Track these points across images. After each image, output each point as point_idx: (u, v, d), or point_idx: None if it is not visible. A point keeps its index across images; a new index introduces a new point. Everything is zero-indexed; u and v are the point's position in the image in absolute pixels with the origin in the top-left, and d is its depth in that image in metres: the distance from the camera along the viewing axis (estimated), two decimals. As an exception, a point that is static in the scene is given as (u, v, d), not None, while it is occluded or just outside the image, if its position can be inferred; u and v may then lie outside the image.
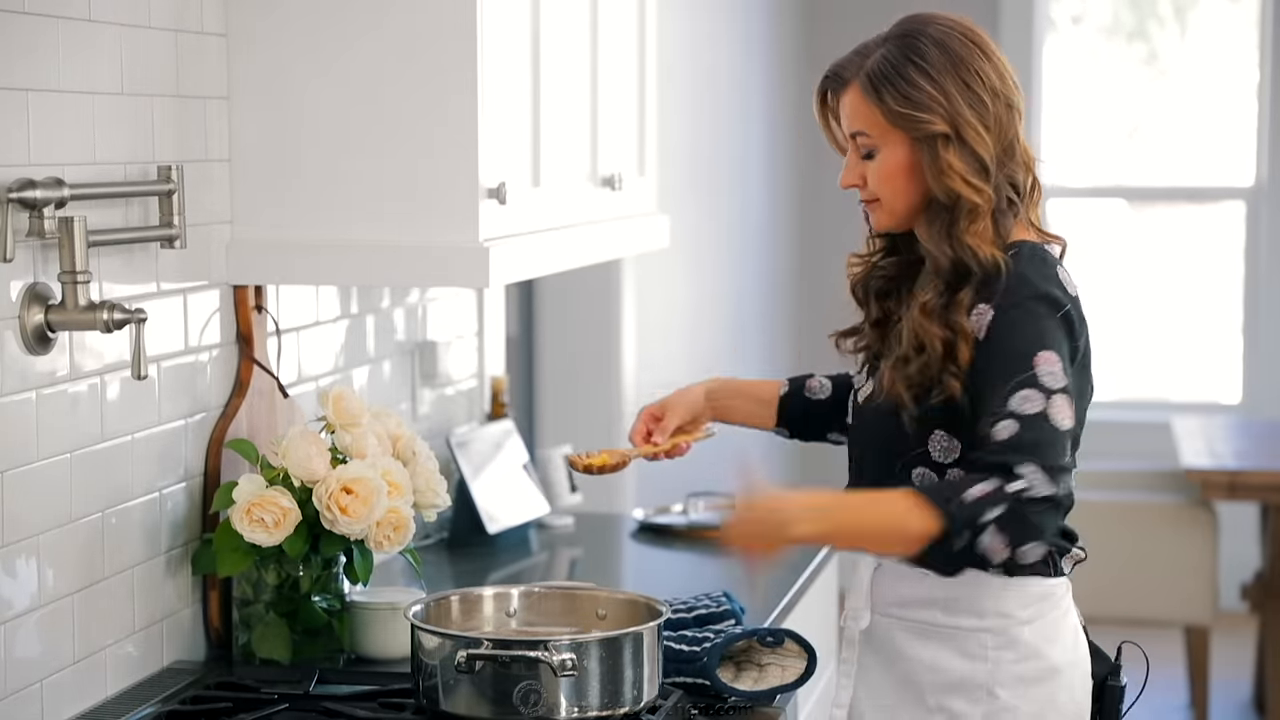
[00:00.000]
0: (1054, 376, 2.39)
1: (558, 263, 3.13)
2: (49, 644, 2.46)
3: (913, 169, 2.48)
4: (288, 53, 2.79)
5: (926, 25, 2.49)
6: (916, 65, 2.46)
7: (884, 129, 2.48)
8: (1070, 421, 2.39)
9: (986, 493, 2.33)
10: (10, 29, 2.32)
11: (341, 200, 2.80)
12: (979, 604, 2.48)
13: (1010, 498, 2.32)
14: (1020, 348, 2.41)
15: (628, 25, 3.48)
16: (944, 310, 2.46)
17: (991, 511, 2.32)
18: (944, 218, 2.48)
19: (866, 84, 2.48)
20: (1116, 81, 7.58)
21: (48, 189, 2.32)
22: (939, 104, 2.45)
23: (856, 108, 2.50)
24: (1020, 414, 2.37)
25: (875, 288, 2.62)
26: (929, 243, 2.50)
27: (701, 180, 5.88)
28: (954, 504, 2.33)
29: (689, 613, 2.83)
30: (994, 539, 2.33)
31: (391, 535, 2.74)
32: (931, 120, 2.45)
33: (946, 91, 2.45)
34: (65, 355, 2.46)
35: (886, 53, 2.48)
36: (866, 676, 2.58)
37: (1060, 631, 2.52)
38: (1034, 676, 2.49)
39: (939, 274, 2.48)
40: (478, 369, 3.85)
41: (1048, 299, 2.44)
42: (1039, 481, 2.34)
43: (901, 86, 2.46)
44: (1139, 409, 7.39)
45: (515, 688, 2.39)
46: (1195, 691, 5.76)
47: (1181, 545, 5.70)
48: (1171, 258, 7.64)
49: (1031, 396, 2.37)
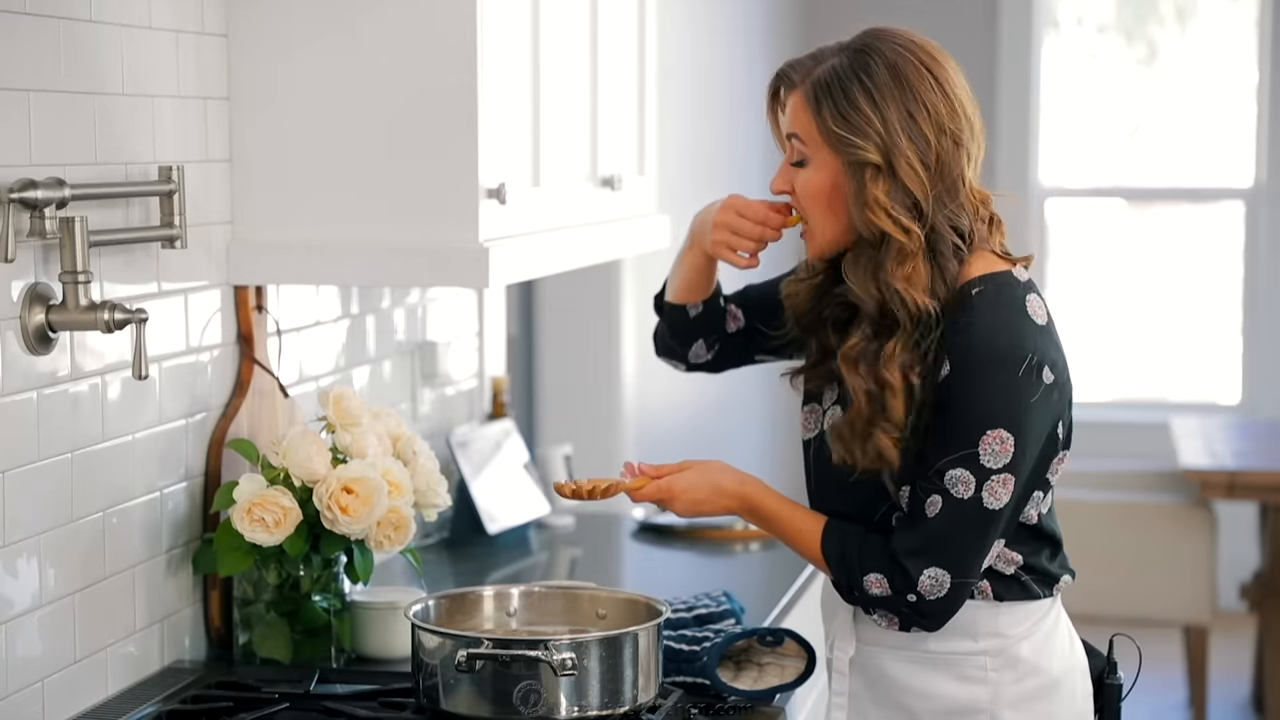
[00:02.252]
0: (996, 456, 2.32)
1: (558, 263, 3.13)
2: (50, 643, 2.46)
3: (836, 194, 2.38)
4: (288, 53, 2.79)
5: (883, 42, 2.37)
6: (861, 84, 2.34)
7: (817, 143, 2.39)
8: (1005, 499, 2.34)
9: (883, 593, 2.39)
10: (10, 29, 2.32)
11: (341, 200, 2.80)
12: (972, 627, 2.45)
13: (904, 604, 2.39)
14: (967, 421, 2.32)
15: (628, 25, 3.48)
16: (872, 359, 2.35)
17: (882, 607, 2.41)
18: (870, 255, 2.36)
19: (810, 92, 2.38)
20: (1116, 81, 7.59)
21: (49, 189, 2.32)
22: (875, 130, 2.33)
23: (797, 112, 2.41)
24: (950, 495, 2.34)
25: (833, 316, 2.48)
26: (853, 282, 2.38)
27: (701, 180, 5.88)
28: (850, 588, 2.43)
29: (689, 613, 2.83)
30: (883, 619, 2.43)
31: (392, 535, 2.75)
32: (864, 147, 2.33)
33: (886, 119, 2.33)
34: (66, 355, 2.46)
35: (837, 64, 2.37)
36: (857, 706, 2.53)
37: (1054, 642, 2.50)
38: (1035, 693, 2.47)
39: (865, 318, 2.37)
40: (478, 369, 3.86)
41: (1009, 359, 2.31)
42: (937, 585, 2.37)
43: (841, 104, 2.34)
44: (1138, 409, 7.39)
45: (515, 687, 2.39)
46: (1194, 691, 5.77)
47: (1180, 545, 5.70)
48: (1171, 258, 7.64)
49: (964, 479, 2.33)
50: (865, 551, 2.41)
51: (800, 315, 2.54)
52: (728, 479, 2.50)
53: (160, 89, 2.65)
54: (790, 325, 2.56)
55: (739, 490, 2.49)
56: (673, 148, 5.31)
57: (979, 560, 2.39)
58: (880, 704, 2.51)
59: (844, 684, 2.54)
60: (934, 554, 2.36)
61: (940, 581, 2.36)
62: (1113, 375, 7.45)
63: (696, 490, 2.48)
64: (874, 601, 2.41)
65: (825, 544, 2.44)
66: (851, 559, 2.42)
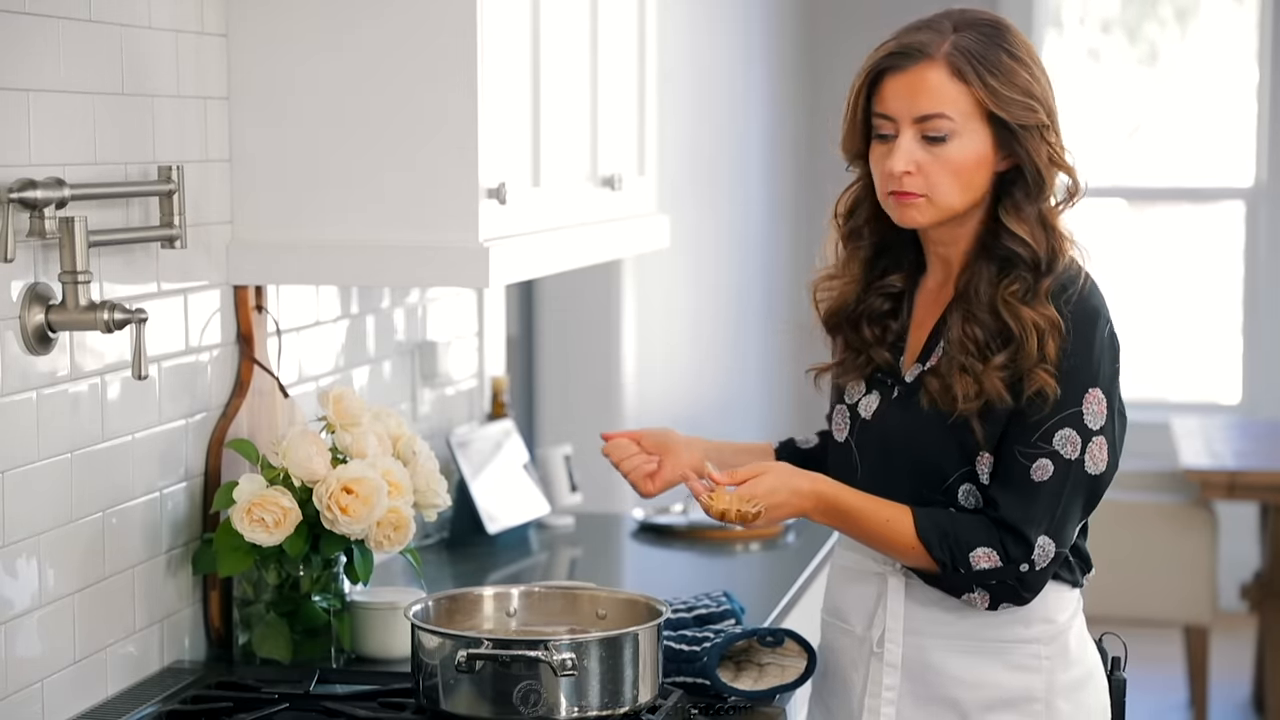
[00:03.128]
0: (1096, 417, 2.40)
1: (558, 263, 3.13)
2: (49, 644, 2.46)
3: (981, 165, 2.41)
4: (288, 53, 2.79)
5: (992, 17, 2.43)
6: (1009, 53, 2.39)
7: (969, 114, 2.39)
8: (1103, 465, 2.41)
9: (994, 566, 2.38)
10: (10, 29, 2.32)
11: (341, 200, 2.80)
12: (1026, 612, 2.45)
13: (1014, 575, 2.38)
14: (1072, 378, 2.38)
15: (628, 26, 3.48)
16: (1031, 300, 2.40)
17: (990, 581, 2.39)
18: (1033, 208, 2.43)
19: (962, 63, 2.38)
20: (1117, 81, 7.59)
21: (48, 189, 2.32)
22: (1037, 93, 2.40)
23: (941, 88, 2.38)
24: (1060, 456, 2.38)
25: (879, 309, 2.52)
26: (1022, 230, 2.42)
27: (701, 180, 5.89)
28: (956, 567, 2.39)
29: (689, 612, 2.83)
30: (978, 597, 2.41)
31: (392, 535, 2.74)
32: (1035, 109, 2.40)
33: (1039, 81, 2.41)
34: (66, 355, 2.46)
35: (973, 39, 2.39)
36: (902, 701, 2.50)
37: (1084, 634, 2.53)
38: (1080, 682, 2.48)
39: (1020, 263, 2.42)
40: (478, 369, 3.86)
41: (1099, 315, 2.43)
42: (1045, 555, 2.38)
43: (999, 74, 2.38)
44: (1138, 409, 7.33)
45: (515, 687, 2.39)
46: (1195, 691, 5.77)
47: (1181, 545, 5.70)
48: (1171, 258, 7.64)
49: (1072, 439, 2.38)
50: (967, 527, 2.40)
51: (837, 311, 2.55)
52: (800, 480, 2.45)
53: (160, 89, 2.65)
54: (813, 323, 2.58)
55: (813, 489, 2.45)
56: (673, 148, 5.31)
57: (1074, 530, 2.42)
58: (921, 699, 2.49)
59: (895, 677, 2.50)
60: (1045, 520, 2.38)
61: (1047, 551, 2.38)
62: (1113, 375, 7.45)
63: (776, 494, 2.43)
64: (978, 577, 2.39)
65: (920, 527, 2.41)
66: (954, 536, 2.40)
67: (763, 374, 6.70)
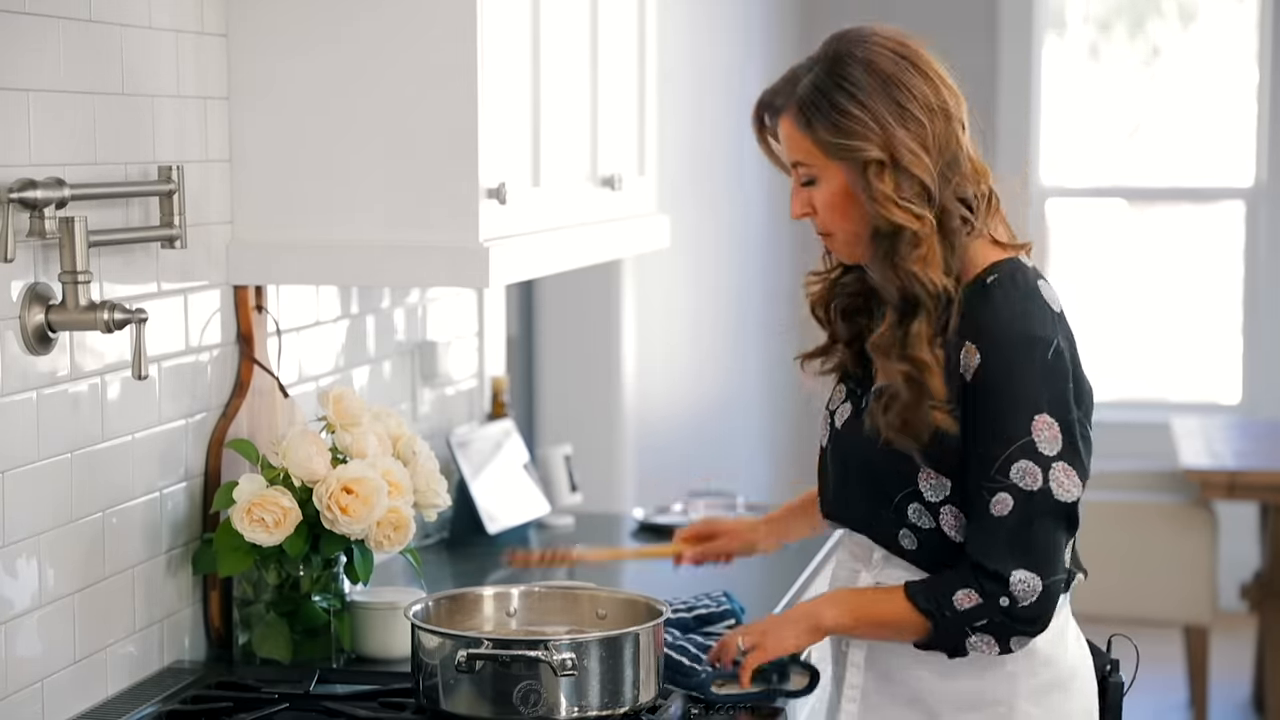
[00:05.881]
0: (1050, 443, 2.34)
1: (558, 263, 3.13)
2: (49, 644, 2.46)
3: (851, 200, 2.39)
4: (288, 53, 2.79)
5: (854, 46, 2.40)
6: (845, 90, 2.36)
7: (820, 159, 2.40)
8: (1076, 489, 2.36)
9: (975, 604, 2.37)
10: (10, 29, 2.32)
11: (341, 200, 2.80)
12: None
13: (999, 611, 2.36)
14: (1015, 408, 2.34)
15: (628, 25, 3.48)
16: (901, 344, 2.37)
17: (979, 622, 2.37)
18: (886, 246, 2.38)
19: (798, 113, 2.40)
20: (1117, 81, 7.59)
21: (48, 189, 2.32)
22: (871, 130, 2.35)
23: (792, 137, 2.43)
24: (1019, 488, 2.34)
25: (841, 306, 2.54)
26: (875, 273, 2.42)
27: (701, 180, 5.88)
28: (942, 612, 2.38)
29: (689, 613, 2.83)
30: (982, 642, 2.39)
31: (392, 535, 2.75)
32: (865, 147, 2.35)
33: (878, 115, 2.35)
34: (66, 355, 2.46)
35: (815, 79, 2.39)
36: (870, 702, 2.52)
37: (1066, 637, 2.51)
38: (1050, 686, 2.47)
39: (889, 305, 2.40)
40: (478, 369, 3.86)
41: (1037, 341, 2.35)
42: (1029, 589, 2.35)
43: (831, 115, 2.37)
44: (1138, 409, 7.39)
45: (515, 687, 2.39)
46: (1194, 691, 5.77)
47: (1181, 545, 5.70)
48: (1171, 258, 7.64)
49: (1030, 470, 2.34)
50: (949, 576, 2.40)
51: (814, 306, 2.58)
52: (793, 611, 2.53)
53: (160, 89, 2.65)
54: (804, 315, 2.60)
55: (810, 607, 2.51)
56: (673, 148, 5.31)
57: (1060, 556, 2.38)
58: (895, 699, 2.50)
59: (858, 677, 2.53)
60: (1017, 554, 2.35)
61: (1031, 585, 2.35)
62: (1113, 375, 7.45)
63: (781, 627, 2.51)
64: (966, 619, 2.37)
65: (909, 592, 2.41)
66: (937, 586, 2.40)
67: (763, 374, 6.70)
